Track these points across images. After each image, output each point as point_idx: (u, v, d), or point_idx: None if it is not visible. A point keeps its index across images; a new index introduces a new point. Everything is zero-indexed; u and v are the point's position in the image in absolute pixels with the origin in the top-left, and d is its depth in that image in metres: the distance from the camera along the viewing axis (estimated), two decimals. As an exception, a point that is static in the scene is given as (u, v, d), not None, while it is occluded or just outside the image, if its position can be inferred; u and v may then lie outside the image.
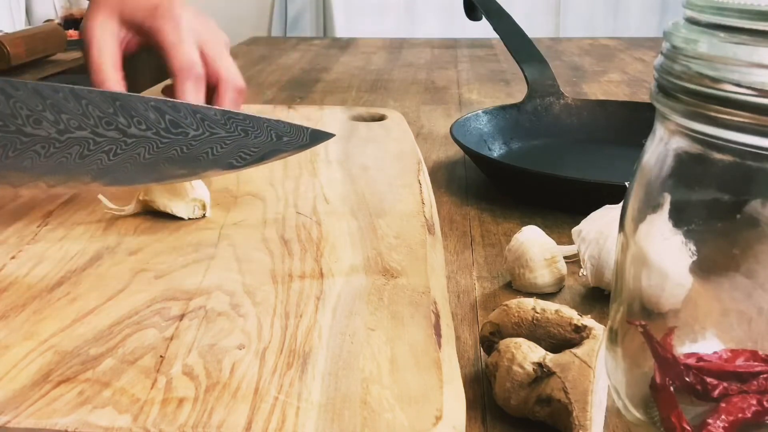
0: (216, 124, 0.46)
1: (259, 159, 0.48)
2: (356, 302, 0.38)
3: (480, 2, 0.93)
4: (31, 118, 0.42)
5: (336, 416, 0.30)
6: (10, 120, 0.42)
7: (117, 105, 0.44)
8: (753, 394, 0.30)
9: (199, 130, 0.45)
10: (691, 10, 0.29)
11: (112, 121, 0.44)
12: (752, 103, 0.26)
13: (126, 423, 0.29)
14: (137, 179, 0.47)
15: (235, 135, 0.46)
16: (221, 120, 0.46)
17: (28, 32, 1.84)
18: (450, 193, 0.67)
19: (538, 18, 2.51)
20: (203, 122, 0.45)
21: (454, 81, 1.22)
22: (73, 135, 0.43)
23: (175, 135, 0.45)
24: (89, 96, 0.43)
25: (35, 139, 0.43)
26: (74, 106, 0.43)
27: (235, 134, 0.46)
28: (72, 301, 0.39)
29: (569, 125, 0.81)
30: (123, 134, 0.44)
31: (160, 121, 0.44)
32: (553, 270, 0.48)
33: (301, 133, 0.49)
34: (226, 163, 0.47)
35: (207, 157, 0.46)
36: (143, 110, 0.44)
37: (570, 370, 0.34)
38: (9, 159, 0.43)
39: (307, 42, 1.71)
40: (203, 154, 0.46)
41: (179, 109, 0.45)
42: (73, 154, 0.44)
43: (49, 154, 0.43)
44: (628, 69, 1.32)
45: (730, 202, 0.30)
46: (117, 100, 0.44)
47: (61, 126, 0.43)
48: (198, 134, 0.45)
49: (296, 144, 0.49)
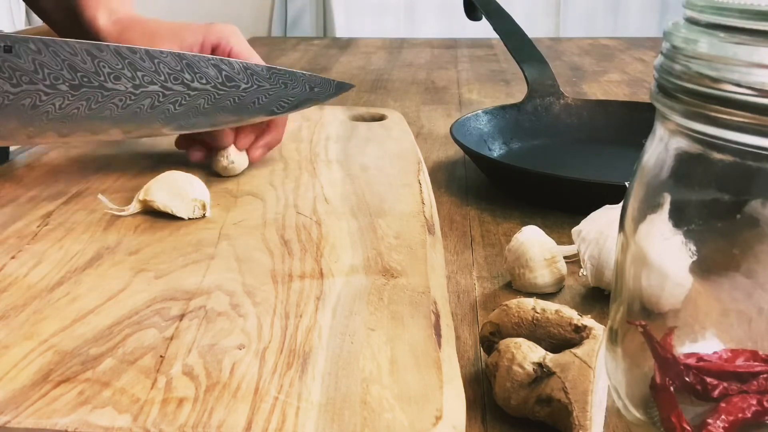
0: (262, 78, 0.54)
1: (295, 107, 0.56)
2: (356, 302, 0.38)
3: (480, 2, 0.93)
4: (111, 75, 0.50)
5: (336, 416, 0.30)
6: (93, 77, 0.50)
7: (183, 63, 0.52)
8: (753, 394, 0.30)
9: (249, 83, 0.54)
10: (691, 10, 0.29)
11: (178, 77, 0.52)
12: (752, 103, 0.26)
13: (126, 423, 0.29)
14: (197, 125, 0.55)
15: (277, 87, 0.55)
16: (266, 74, 0.54)
17: (29, 32, 1.84)
18: (450, 193, 0.67)
19: (538, 18, 2.51)
20: (252, 77, 0.54)
21: (454, 81, 1.22)
22: (146, 89, 0.51)
23: (229, 88, 0.54)
24: (161, 56, 0.51)
25: (114, 93, 0.51)
26: (148, 65, 0.51)
27: (277, 86, 0.55)
28: (72, 301, 0.39)
29: (569, 125, 0.81)
30: (187, 87, 0.52)
31: (218, 76, 0.53)
32: (553, 270, 0.48)
33: (329, 85, 0.57)
34: (269, 110, 0.56)
35: (254, 105, 0.55)
36: (204, 67, 0.52)
37: (570, 370, 0.34)
38: (92, 110, 0.50)
39: (307, 42, 1.71)
40: (251, 103, 0.55)
41: (233, 66, 0.54)
42: (145, 105, 0.52)
43: (125, 106, 0.51)
44: (628, 69, 1.32)
45: (730, 202, 0.30)
46: (184, 59, 0.52)
47: (136, 81, 0.51)
48: (248, 86, 0.54)
49: (325, 93, 0.57)
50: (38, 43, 0.48)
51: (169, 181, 0.51)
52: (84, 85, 0.49)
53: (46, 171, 0.59)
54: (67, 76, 0.49)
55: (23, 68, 0.48)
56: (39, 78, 0.48)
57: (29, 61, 0.48)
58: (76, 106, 0.50)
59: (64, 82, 0.49)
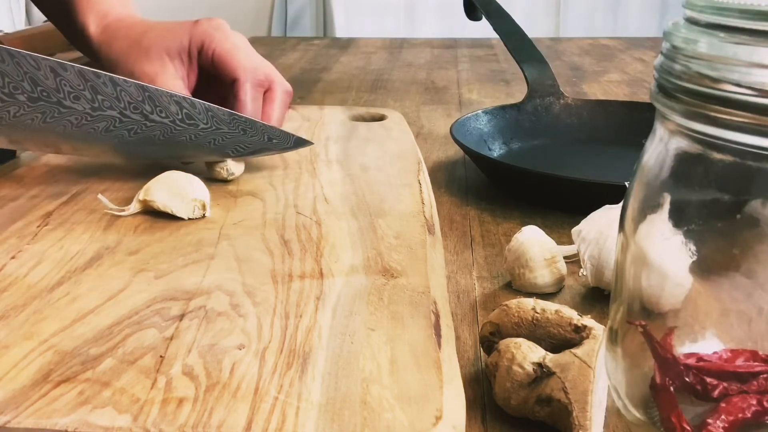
0: (221, 121, 0.54)
1: (251, 153, 0.56)
2: (356, 302, 0.38)
3: (480, 2, 0.93)
4: (71, 95, 0.50)
5: (336, 416, 0.30)
6: (53, 93, 0.50)
7: (146, 95, 0.52)
8: (753, 394, 0.30)
9: (208, 124, 0.54)
10: (691, 10, 0.29)
11: (138, 107, 0.52)
12: (752, 103, 0.26)
13: (126, 423, 0.29)
14: (150, 155, 0.55)
15: (235, 132, 0.55)
16: (227, 119, 0.54)
17: (28, 32, 1.84)
18: (450, 193, 0.67)
19: (538, 18, 2.51)
20: (212, 118, 0.54)
21: (454, 81, 1.22)
22: (104, 113, 0.51)
23: (188, 125, 0.53)
24: (124, 84, 0.51)
25: (71, 111, 0.51)
26: (110, 90, 0.51)
27: (235, 131, 0.55)
28: (72, 301, 0.39)
29: (569, 125, 0.81)
30: (145, 118, 0.52)
31: (179, 113, 0.53)
32: (553, 270, 0.48)
33: (288, 138, 0.57)
34: (225, 152, 0.56)
35: (210, 145, 0.55)
36: (167, 102, 0.52)
37: (570, 370, 0.34)
38: (46, 123, 0.51)
39: (307, 42, 1.71)
40: (207, 143, 0.55)
41: (195, 106, 0.53)
42: (100, 127, 0.52)
43: (80, 125, 0.51)
44: (628, 69, 1.32)
45: (730, 202, 0.30)
46: (146, 91, 0.52)
47: (95, 104, 0.51)
48: (206, 127, 0.54)
49: (282, 146, 0.57)
50: (3, 53, 0.48)
51: (169, 181, 0.51)
52: (42, 99, 0.50)
53: (46, 171, 0.59)
54: (27, 87, 0.49)
55: None
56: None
57: None
58: (31, 117, 0.50)
59: (23, 92, 0.49)
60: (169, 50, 0.60)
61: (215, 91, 0.62)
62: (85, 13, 0.64)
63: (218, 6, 2.36)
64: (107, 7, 0.65)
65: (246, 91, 0.59)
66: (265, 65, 0.62)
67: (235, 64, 0.60)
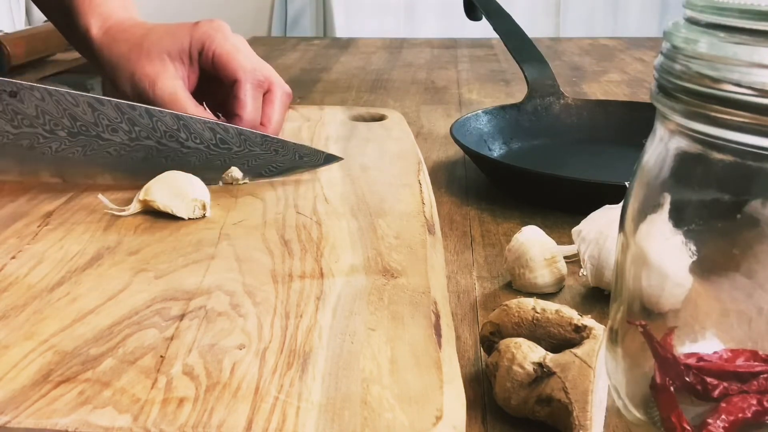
0: (254, 143, 0.56)
1: (282, 172, 0.57)
2: (356, 302, 0.38)
3: (480, 2, 0.93)
4: (109, 127, 0.52)
5: (336, 416, 0.30)
6: (92, 127, 0.52)
7: (181, 123, 0.54)
8: (753, 394, 0.30)
9: (241, 147, 0.56)
10: (691, 10, 0.29)
11: (174, 135, 0.54)
12: (752, 103, 0.26)
13: (126, 423, 0.29)
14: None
15: (268, 153, 0.56)
16: (259, 141, 0.56)
17: (28, 32, 1.84)
18: (450, 193, 0.67)
19: (538, 18, 2.51)
20: (245, 141, 0.55)
21: (454, 81, 1.22)
22: (141, 143, 0.53)
23: (221, 149, 0.55)
24: (159, 114, 0.53)
25: (110, 143, 0.53)
26: (147, 121, 0.53)
27: (267, 152, 0.56)
28: (72, 301, 0.39)
29: (569, 125, 0.81)
30: (181, 145, 0.54)
31: (212, 138, 0.55)
32: (553, 270, 0.48)
33: (318, 156, 0.58)
34: (257, 173, 0.57)
35: (243, 167, 0.56)
36: (200, 129, 0.54)
37: (570, 370, 0.34)
38: (87, 156, 0.53)
39: (307, 42, 1.71)
40: (240, 165, 0.56)
41: (228, 130, 0.55)
42: (139, 157, 0.54)
43: (119, 155, 0.53)
44: (628, 69, 1.32)
45: (730, 202, 0.30)
46: (181, 120, 0.54)
47: (133, 135, 0.53)
48: (240, 150, 0.56)
49: (313, 163, 0.58)
50: (42, 92, 0.50)
51: (169, 181, 0.51)
52: (82, 133, 0.52)
53: (46, 171, 0.59)
54: (67, 123, 0.51)
55: (25, 112, 0.50)
56: (39, 123, 0.51)
57: (32, 106, 0.50)
58: (72, 151, 0.52)
59: (63, 128, 0.51)
60: (170, 51, 0.60)
61: (215, 92, 0.62)
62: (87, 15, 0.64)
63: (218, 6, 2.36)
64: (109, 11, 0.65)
65: (246, 91, 0.60)
66: (265, 67, 0.62)
67: (235, 65, 0.60)
